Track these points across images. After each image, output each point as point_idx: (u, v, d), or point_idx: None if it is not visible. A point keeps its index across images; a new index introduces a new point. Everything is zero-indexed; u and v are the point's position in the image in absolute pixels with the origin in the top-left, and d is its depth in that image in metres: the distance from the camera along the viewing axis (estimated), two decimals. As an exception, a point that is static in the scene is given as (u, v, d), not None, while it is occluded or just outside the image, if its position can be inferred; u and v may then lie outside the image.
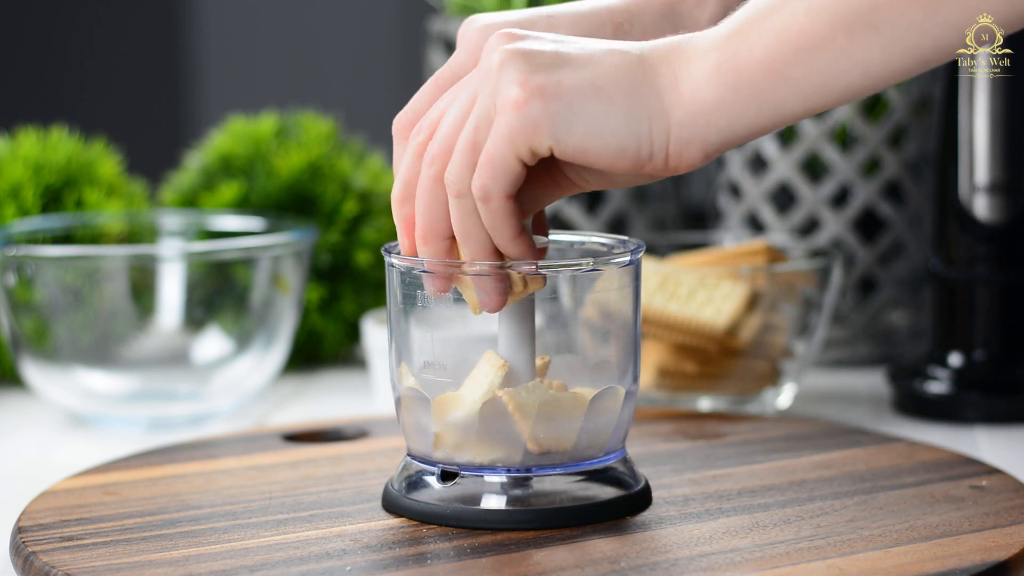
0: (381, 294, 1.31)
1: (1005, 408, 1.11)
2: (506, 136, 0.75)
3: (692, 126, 0.75)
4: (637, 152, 0.75)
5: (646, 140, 0.75)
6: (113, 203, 1.24)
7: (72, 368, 1.13)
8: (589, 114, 0.75)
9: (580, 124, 0.75)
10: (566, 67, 0.75)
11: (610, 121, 0.75)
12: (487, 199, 0.76)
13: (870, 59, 0.73)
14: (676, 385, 1.10)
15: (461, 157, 0.77)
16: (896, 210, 1.27)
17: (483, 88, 0.76)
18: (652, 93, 0.75)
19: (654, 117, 0.75)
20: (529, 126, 0.75)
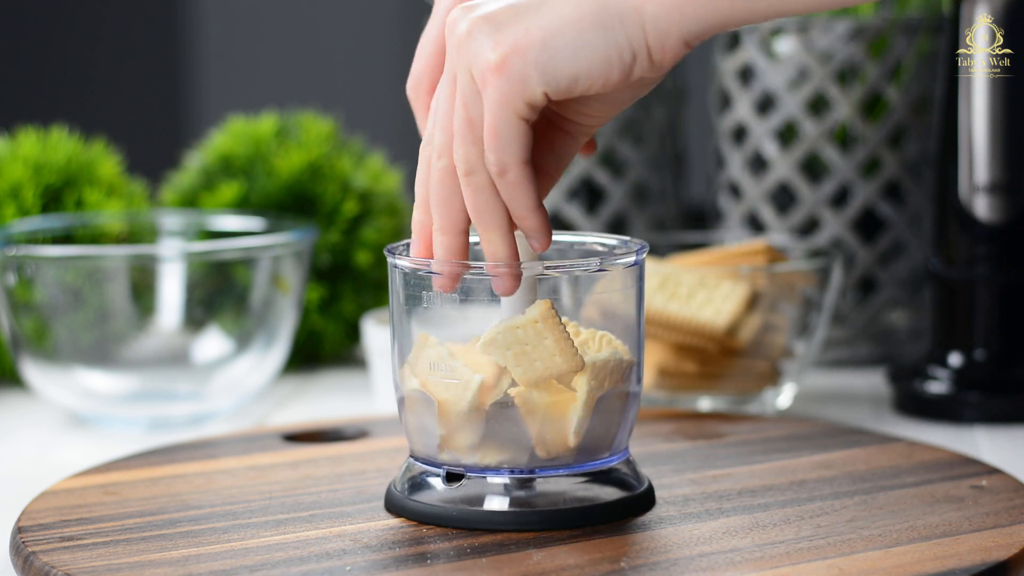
0: (381, 294, 1.31)
1: (1005, 408, 1.11)
2: (499, 101, 0.76)
3: (667, 18, 0.76)
4: (620, 58, 0.77)
5: (625, 44, 0.77)
6: (113, 203, 1.24)
7: (72, 368, 1.13)
8: (566, 46, 0.76)
9: (561, 58, 0.76)
10: (527, 14, 0.77)
11: (587, 42, 0.76)
12: (504, 171, 0.77)
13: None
14: (676, 385, 1.11)
15: (461, 136, 0.78)
16: (896, 210, 1.27)
17: (459, 64, 0.78)
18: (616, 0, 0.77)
19: (625, 20, 0.76)
20: (517, 83, 0.76)
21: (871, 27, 1.25)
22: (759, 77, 1.28)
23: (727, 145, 1.30)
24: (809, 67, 1.25)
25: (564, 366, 0.80)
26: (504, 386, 0.81)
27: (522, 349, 0.80)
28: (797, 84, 1.26)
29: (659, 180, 1.33)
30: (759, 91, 1.28)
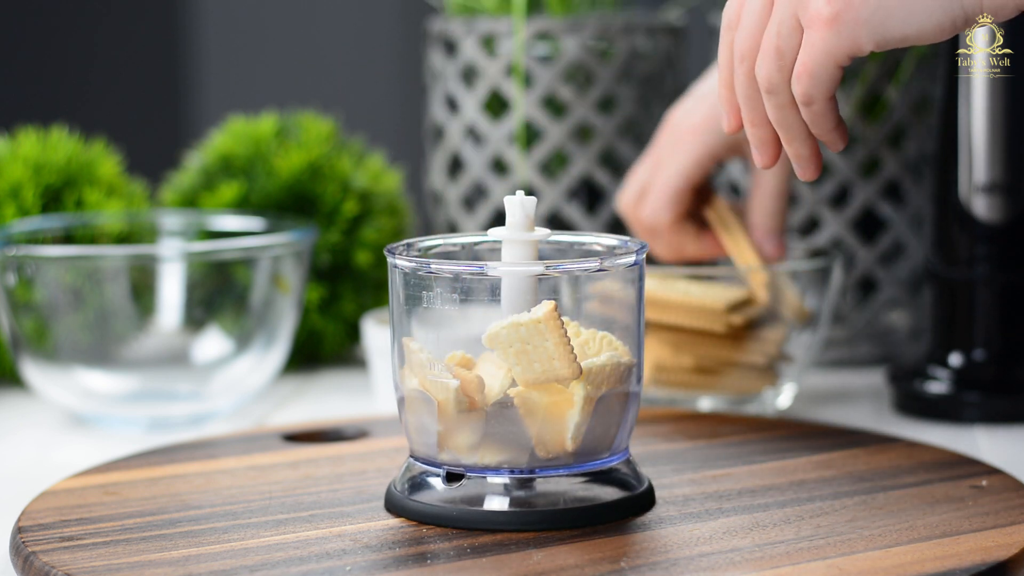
0: (381, 294, 1.31)
1: (1005, 408, 1.11)
2: (823, 51, 0.78)
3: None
4: (953, 23, 0.78)
5: (960, 12, 0.78)
6: (113, 203, 1.24)
7: (72, 368, 1.13)
8: (901, 7, 0.78)
9: (895, 20, 0.78)
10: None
11: (922, 9, 0.78)
12: (810, 102, 0.80)
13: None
14: (673, 381, 1.10)
15: (767, 60, 0.80)
16: (896, 210, 1.27)
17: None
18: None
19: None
20: (846, 39, 0.78)
21: (871, 27, 1.25)
22: (759, 77, 1.27)
23: (727, 145, 1.30)
24: (809, 67, 1.25)
25: (561, 371, 0.80)
26: (505, 385, 0.81)
27: (523, 348, 0.80)
28: (797, 84, 1.26)
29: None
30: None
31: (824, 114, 0.81)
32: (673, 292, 1.09)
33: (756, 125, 0.84)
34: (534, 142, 1.30)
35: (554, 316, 0.80)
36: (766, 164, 0.85)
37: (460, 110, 1.32)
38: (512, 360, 0.80)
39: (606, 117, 1.30)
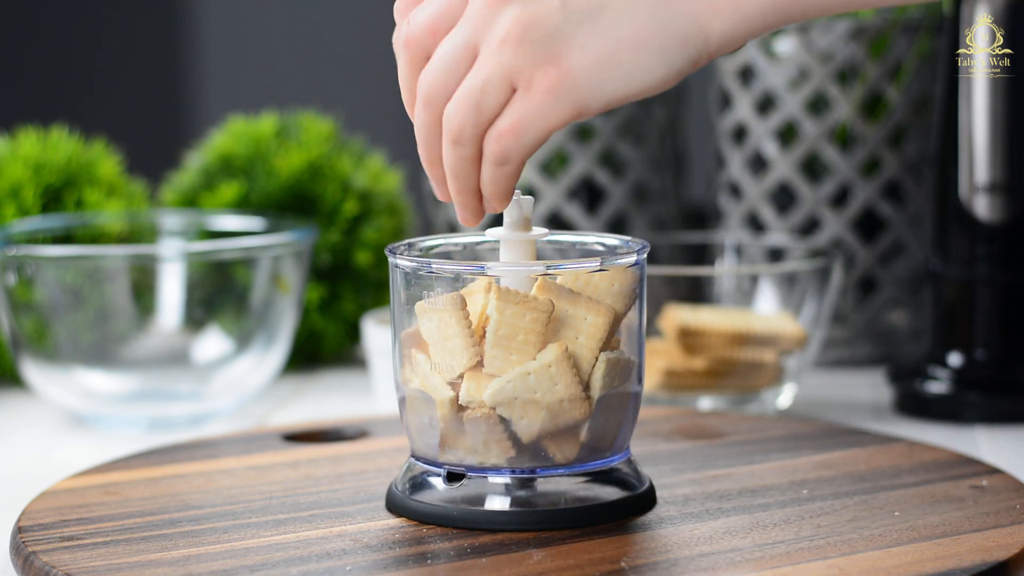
0: (381, 294, 1.31)
1: (1005, 408, 1.11)
2: (540, 116, 0.74)
3: (734, 31, 0.74)
4: (679, 75, 0.75)
5: (685, 64, 0.75)
6: (113, 203, 1.24)
7: (72, 368, 1.13)
8: (622, 72, 0.74)
9: (616, 84, 0.75)
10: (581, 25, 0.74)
11: (645, 67, 0.74)
12: (505, 163, 0.76)
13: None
14: (684, 384, 1.11)
15: (462, 112, 0.76)
16: (896, 210, 1.27)
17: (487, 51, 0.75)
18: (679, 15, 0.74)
19: (688, 42, 0.74)
20: (567, 105, 0.74)
21: (871, 27, 1.25)
22: (759, 77, 1.28)
23: (727, 145, 1.30)
24: (809, 67, 1.25)
25: (573, 413, 0.81)
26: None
27: (531, 398, 0.80)
28: (797, 84, 1.26)
29: (659, 180, 1.33)
30: (759, 91, 1.28)
31: (511, 176, 0.77)
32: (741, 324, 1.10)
33: (433, 164, 0.79)
34: (534, 142, 1.30)
35: (566, 357, 0.80)
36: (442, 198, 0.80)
37: (460, 110, 1.32)
38: (518, 413, 0.80)
39: (606, 117, 1.30)
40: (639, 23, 0.74)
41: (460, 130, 0.76)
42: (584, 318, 0.80)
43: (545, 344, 0.80)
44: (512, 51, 0.74)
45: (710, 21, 0.74)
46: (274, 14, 2.74)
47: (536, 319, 0.79)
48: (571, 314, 0.80)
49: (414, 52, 0.78)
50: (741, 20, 0.74)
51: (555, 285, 0.80)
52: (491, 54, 0.75)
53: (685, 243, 1.25)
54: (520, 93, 0.75)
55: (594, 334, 0.80)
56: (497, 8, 0.75)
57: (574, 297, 0.80)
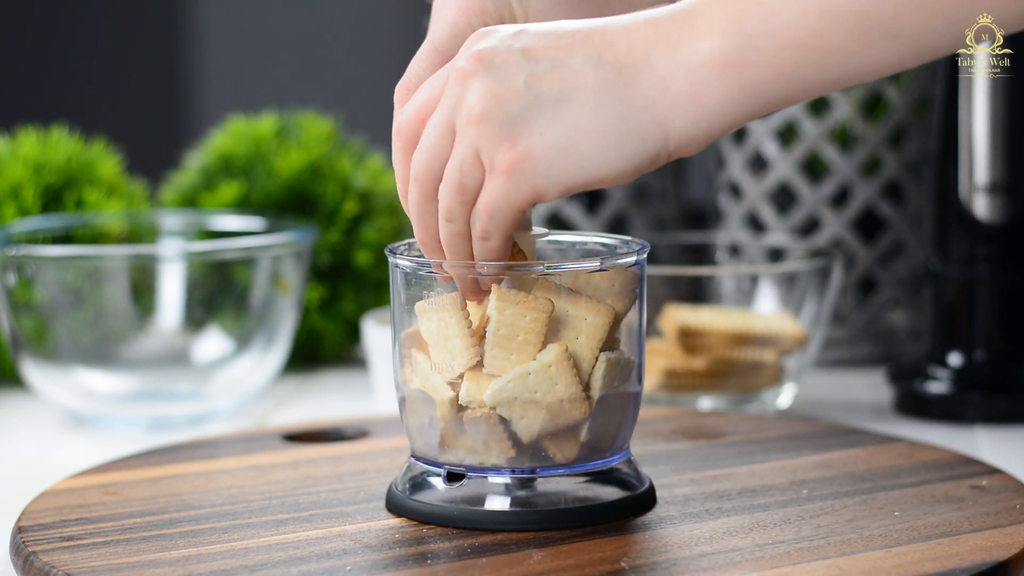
0: (381, 294, 1.31)
1: (1005, 408, 1.11)
2: (503, 197, 0.76)
3: (694, 128, 0.74)
4: (637, 167, 0.75)
5: (644, 156, 0.75)
6: (113, 203, 1.24)
7: (72, 368, 1.13)
8: (580, 159, 0.75)
9: (575, 170, 0.75)
10: (543, 111, 0.75)
11: (604, 155, 0.75)
12: (487, 238, 0.78)
13: (883, 60, 0.72)
14: (684, 385, 1.11)
15: (450, 192, 0.77)
16: (896, 210, 1.27)
17: (459, 129, 0.76)
18: (639, 110, 0.74)
19: (647, 136, 0.74)
20: (526, 187, 0.75)
21: (871, 27, 1.25)
22: (759, 77, 1.27)
23: (727, 145, 1.30)
24: (809, 67, 1.25)
25: (573, 413, 0.81)
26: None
27: (531, 398, 0.80)
28: (797, 84, 1.26)
29: (659, 180, 1.33)
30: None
31: (497, 250, 0.78)
32: (741, 324, 1.10)
33: (427, 238, 0.80)
34: (534, 142, 1.30)
35: (566, 358, 0.80)
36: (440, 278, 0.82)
37: (460, 110, 1.32)
38: (518, 413, 0.80)
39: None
40: (599, 115, 0.74)
41: (450, 209, 0.78)
42: (584, 318, 0.80)
43: (545, 344, 0.80)
44: (476, 130, 0.76)
45: (670, 118, 0.74)
46: (274, 14, 2.74)
47: (536, 319, 0.79)
48: (571, 314, 0.80)
49: (405, 140, 0.80)
50: (701, 116, 0.74)
51: (555, 285, 0.80)
52: (461, 133, 0.76)
53: (685, 243, 1.25)
54: (487, 173, 0.76)
55: (594, 334, 0.80)
56: (465, 84, 0.76)
57: (574, 297, 0.80)
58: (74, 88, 2.72)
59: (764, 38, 0.73)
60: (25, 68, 2.70)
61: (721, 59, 0.73)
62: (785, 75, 0.73)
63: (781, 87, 0.73)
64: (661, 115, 0.74)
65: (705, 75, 0.73)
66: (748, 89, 0.73)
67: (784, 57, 0.72)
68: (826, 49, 0.72)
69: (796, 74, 0.73)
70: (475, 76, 0.76)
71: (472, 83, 0.76)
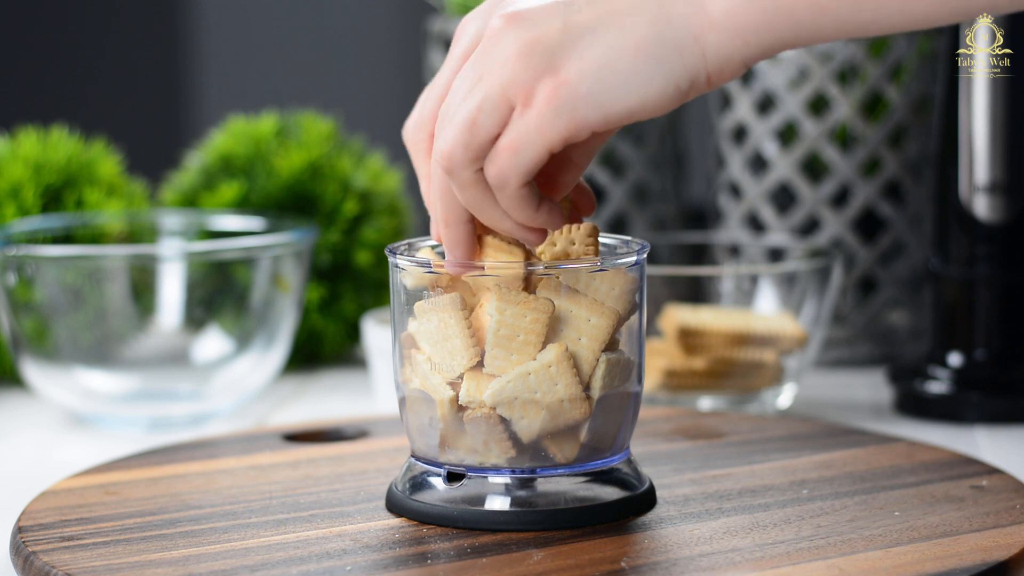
0: (381, 294, 1.31)
1: (1005, 408, 1.11)
2: (538, 130, 0.74)
3: (730, 45, 0.74)
4: (677, 89, 0.74)
5: (683, 75, 0.74)
6: (113, 203, 1.24)
7: (72, 368, 1.13)
8: (621, 81, 0.73)
9: (616, 94, 0.74)
10: (580, 40, 0.74)
11: (643, 75, 0.74)
12: (503, 186, 0.75)
13: (916, 10, 0.73)
14: (684, 385, 1.11)
15: (455, 133, 0.75)
16: (896, 210, 1.27)
17: (487, 74, 0.75)
18: (676, 27, 0.74)
19: (684, 51, 0.74)
20: (564, 117, 0.74)
21: (871, 27, 1.25)
22: (759, 77, 1.28)
23: (727, 145, 1.30)
24: (809, 67, 1.25)
25: (573, 413, 0.81)
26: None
27: (531, 398, 0.80)
28: (797, 84, 1.26)
29: (659, 180, 1.33)
30: (759, 91, 1.28)
31: (513, 200, 0.76)
32: (741, 324, 1.10)
33: (452, 224, 0.79)
34: (534, 142, 1.30)
35: (566, 357, 0.80)
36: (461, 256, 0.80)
37: (460, 110, 1.32)
38: (518, 413, 0.80)
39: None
40: (636, 33, 0.74)
41: (451, 156, 0.75)
42: (587, 319, 0.80)
43: (545, 345, 0.80)
44: (512, 68, 0.74)
45: (706, 33, 0.74)
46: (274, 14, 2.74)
47: (536, 319, 0.79)
48: (574, 315, 0.80)
49: (426, 133, 0.79)
50: (736, 34, 0.74)
51: (557, 285, 0.80)
52: (490, 74, 0.75)
53: (685, 243, 1.25)
54: (518, 110, 0.74)
55: (597, 336, 0.80)
56: (501, 34, 0.75)
57: (576, 297, 0.80)
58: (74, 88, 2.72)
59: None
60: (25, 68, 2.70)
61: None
62: (819, 6, 0.73)
63: (814, 19, 0.73)
64: (697, 30, 0.74)
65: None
66: (783, 14, 0.73)
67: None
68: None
69: (830, 7, 0.73)
70: (510, 29, 0.75)
71: (506, 35, 0.74)
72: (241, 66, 2.74)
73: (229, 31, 2.74)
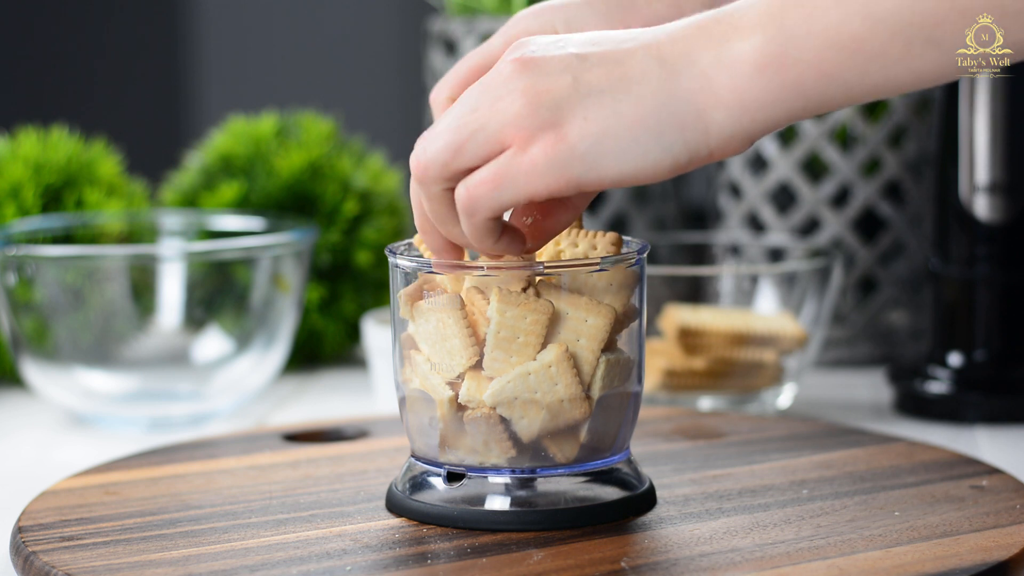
0: (381, 294, 1.31)
1: (1005, 408, 1.11)
2: (526, 177, 0.74)
3: (736, 123, 0.73)
4: (675, 164, 0.74)
5: (682, 151, 0.74)
6: (113, 203, 1.24)
7: (72, 368, 1.13)
8: (619, 150, 0.74)
9: (610, 162, 0.74)
10: (587, 97, 0.74)
11: (641, 147, 0.74)
12: (472, 214, 0.76)
13: (925, 69, 0.72)
14: (684, 385, 1.11)
15: (438, 151, 0.75)
16: (896, 210, 1.27)
17: (488, 106, 0.75)
18: (680, 100, 0.73)
19: (686, 126, 0.73)
20: (552, 172, 0.74)
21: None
22: (759, 77, 1.27)
23: (727, 145, 1.30)
24: (809, 67, 1.25)
25: (572, 413, 0.81)
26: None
27: (532, 398, 0.80)
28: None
29: (659, 180, 1.33)
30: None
31: (478, 229, 0.76)
32: (741, 324, 1.10)
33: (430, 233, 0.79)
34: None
35: (566, 357, 0.80)
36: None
37: (460, 110, 1.32)
38: (518, 413, 0.80)
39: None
40: (642, 104, 0.74)
41: (426, 168, 0.76)
42: (585, 320, 0.80)
43: (544, 346, 0.80)
44: (515, 111, 0.74)
45: (711, 110, 0.73)
46: (274, 14, 2.74)
47: (536, 320, 0.79)
48: (572, 316, 0.80)
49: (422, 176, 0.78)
50: (743, 112, 0.73)
51: (555, 286, 0.80)
52: (492, 109, 0.75)
53: (685, 243, 1.25)
54: (512, 152, 0.74)
55: (595, 335, 0.80)
56: (512, 76, 0.75)
57: (574, 298, 0.80)
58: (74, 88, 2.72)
59: (806, 39, 0.72)
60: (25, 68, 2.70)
61: (763, 57, 0.73)
62: (827, 77, 0.72)
63: (822, 89, 0.73)
64: (702, 107, 0.73)
65: (747, 72, 0.73)
66: (789, 88, 0.73)
67: (826, 59, 0.72)
68: (868, 53, 0.72)
69: (838, 77, 0.72)
70: (522, 74, 0.75)
71: (517, 79, 0.75)
72: (241, 66, 2.74)
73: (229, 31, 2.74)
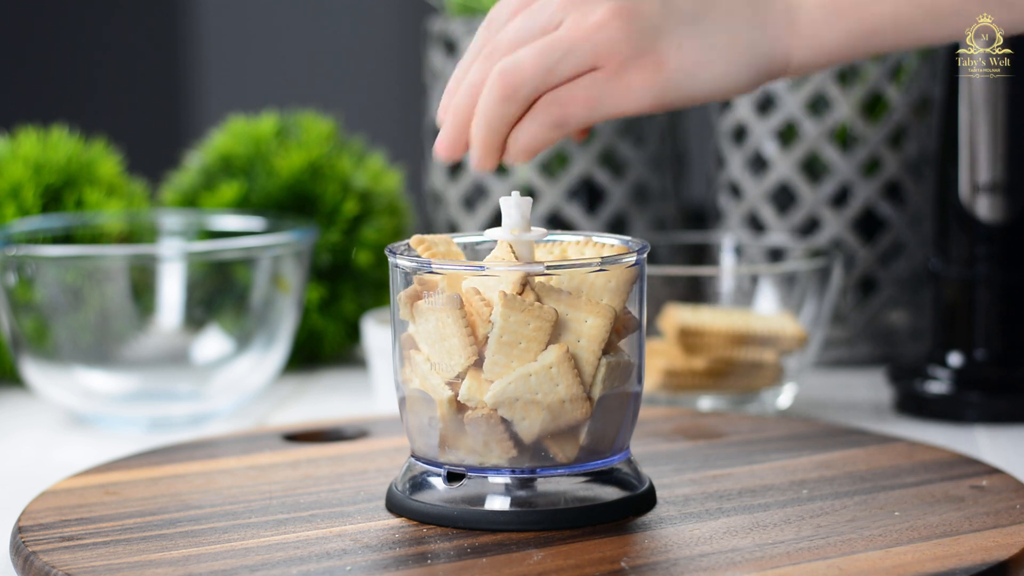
0: (381, 294, 1.31)
1: (1005, 408, 1.11)
2: (622, 98, 0.78)
3: (814, 60, 0.80)
4: (755, 86, 0.80)
5: (768, 75, 0.80)
6: (113, 203, 1.24)
7: (72, 368, 1.13)
8: (711, 76, 0.78)
9: (703, 86, 0.78)
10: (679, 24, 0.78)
11: (732, 74, 0.79)
12: (561, 126, 0.79)
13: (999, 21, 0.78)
14: (684, 384, 1.11)
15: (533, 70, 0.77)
16: (896, 210, 1.27)
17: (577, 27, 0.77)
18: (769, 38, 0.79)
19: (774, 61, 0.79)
20: (652, 96, 0.78)
21: (871, 27, 1.25)
22: (759, 77, 1.27)
23: (727, 145, 1.30)
24: (809, 67, 1.25)
25: (574, 414, 0.81)
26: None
27: (532, 399, 0.80)
28: (797, 84, 1.26)
29: (659, 180, 1.33)
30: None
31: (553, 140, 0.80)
32: (741, 324, 1.10)
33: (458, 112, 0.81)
34: (534, 142, 1.30)
35: (567, 358, 0.80)
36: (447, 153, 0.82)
37: (460, 110, 1.31)
38: (519, 414, 0.80)
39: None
40: (734, 36, 0.79)
41: (518, 86, 0.78)
42: (584, 320, 0.80)
43: (546, 346, 0.80)
44: (609, 34, 0.77)
45: (793, 50, 0.79)
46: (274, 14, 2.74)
47: (540, 327, 0.79)
48: (571, 317, 0.80)
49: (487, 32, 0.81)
50: (819, 52, 0.79)
51: (554, 288, 0.80)
52: (582, 29, 0.77)
53: (685, 243, 1.25)
54: (604, 73, 0.77)
55: (595, 336, 0.80)
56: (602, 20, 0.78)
57: (574, 300, 0.80)
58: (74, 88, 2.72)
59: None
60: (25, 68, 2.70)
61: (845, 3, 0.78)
62: (901, 27, 0.78)
63: (896, 36, 0.78)
64: (786, 45, 0.79)
65: (828, 12, 0.78)
66: (865, 32, 0.78)
67: (902, 11, 0.77)
68: (944, 10, 0.77)
69: (911, 28, 0.78)
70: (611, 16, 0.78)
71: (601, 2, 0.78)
72: (241, 66, 2.74)
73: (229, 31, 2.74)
